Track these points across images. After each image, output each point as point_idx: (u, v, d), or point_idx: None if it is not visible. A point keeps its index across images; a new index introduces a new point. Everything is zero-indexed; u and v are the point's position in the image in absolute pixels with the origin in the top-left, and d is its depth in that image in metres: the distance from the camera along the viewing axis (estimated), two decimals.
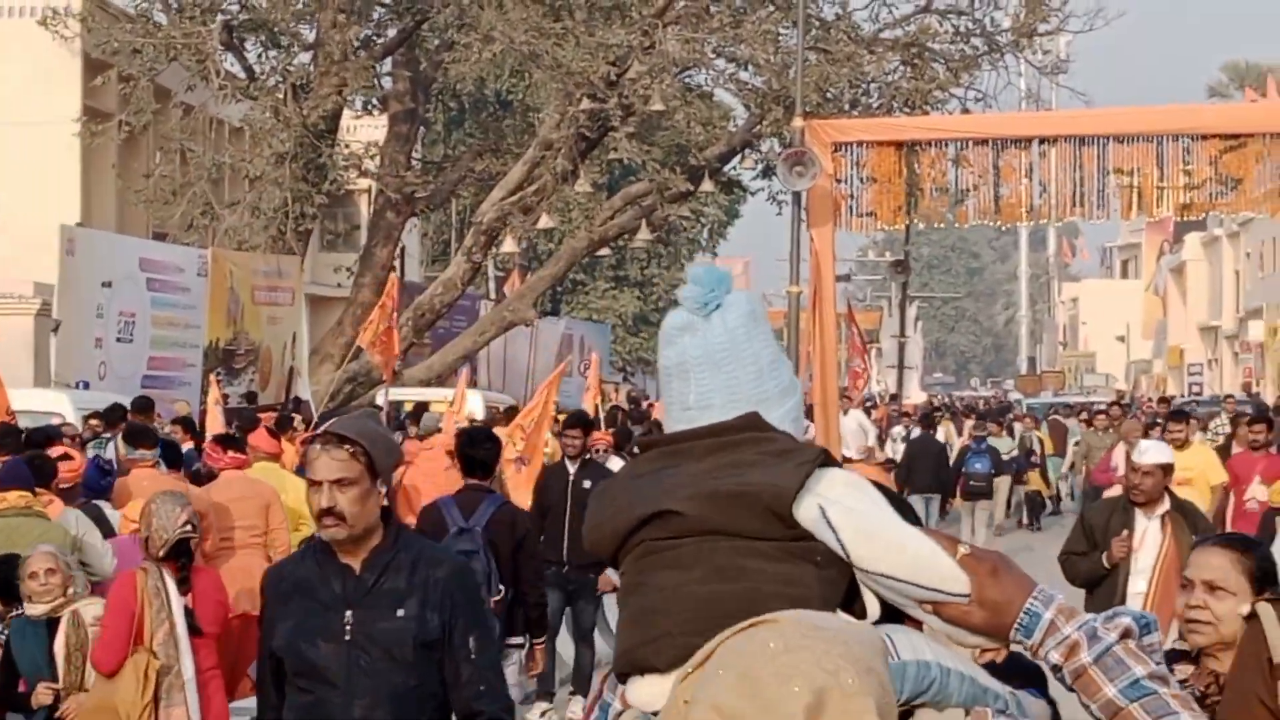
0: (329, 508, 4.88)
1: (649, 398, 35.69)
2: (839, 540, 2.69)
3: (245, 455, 11.77)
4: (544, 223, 27.59)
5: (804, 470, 2.72)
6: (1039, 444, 30.66)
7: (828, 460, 2.78)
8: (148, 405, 16.39)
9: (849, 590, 2.72)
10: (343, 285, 30.99)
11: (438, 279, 30.01)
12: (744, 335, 2.89)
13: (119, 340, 20.97)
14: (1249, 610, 4.33)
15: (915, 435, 27.00)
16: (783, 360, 2.98)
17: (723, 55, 26.47)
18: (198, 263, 22.85)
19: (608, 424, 18.95)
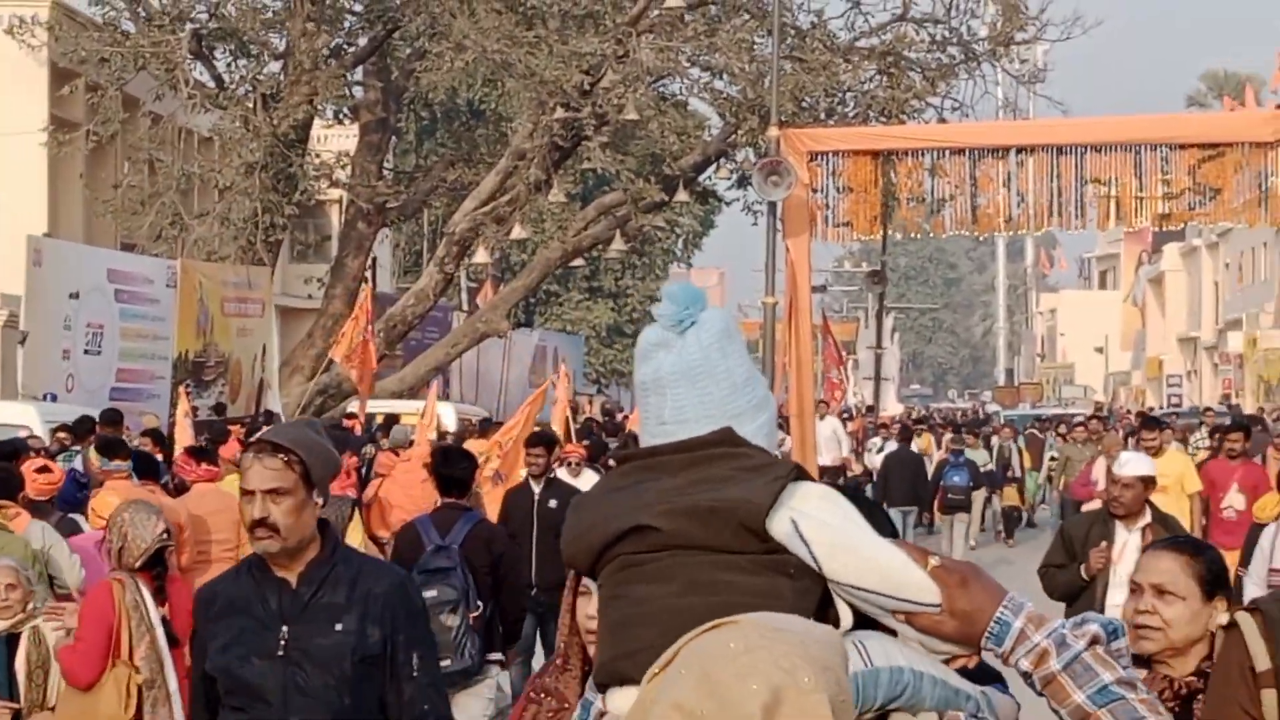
0: (262, 518, 4.69)
1: (624, 409, 35.60)
2: (811, 553, 2.76)
3: (217, 468, 11.69)
4: (517, 233, 27.45)
5: (777, 485, 2.79)
6: (1018, 454, 30.59)
7: (801, 475, 2.85)
8: (117, 418, 16.24)
9: (822, 600, 2.79)
10: (313, 296, 30.85)
11: (410, 290, 29.91)
12: (718, 352, 2.95)
13: (87, 352, 20.90)
14: (1228, 620, 4.27)
15: (892, 449, 26.88)
16: (756, 376, 3.04)
17: (697, 64, 26.42)
18: (166, 274, 22.74)
19: (580, 436, 18.80)
